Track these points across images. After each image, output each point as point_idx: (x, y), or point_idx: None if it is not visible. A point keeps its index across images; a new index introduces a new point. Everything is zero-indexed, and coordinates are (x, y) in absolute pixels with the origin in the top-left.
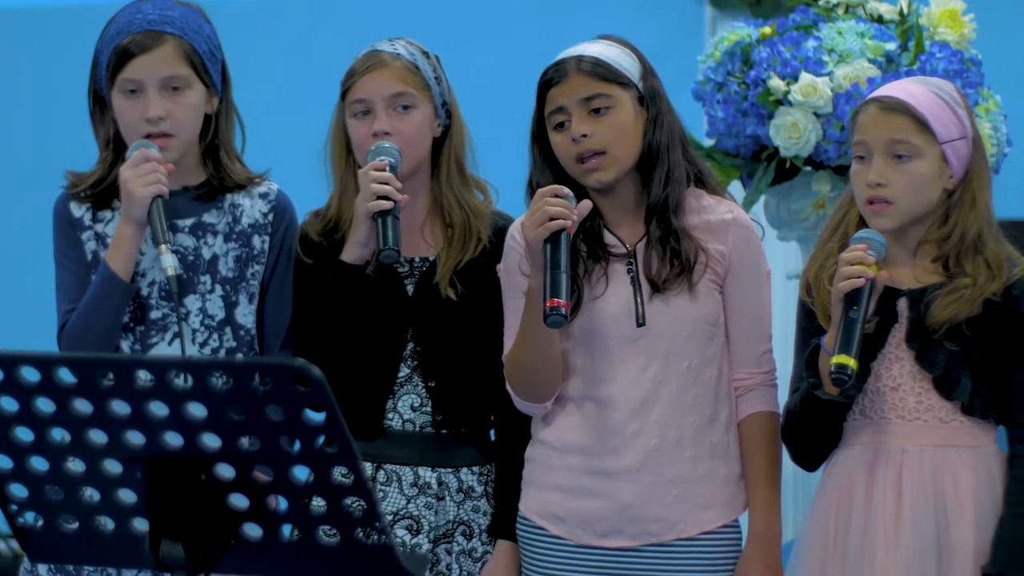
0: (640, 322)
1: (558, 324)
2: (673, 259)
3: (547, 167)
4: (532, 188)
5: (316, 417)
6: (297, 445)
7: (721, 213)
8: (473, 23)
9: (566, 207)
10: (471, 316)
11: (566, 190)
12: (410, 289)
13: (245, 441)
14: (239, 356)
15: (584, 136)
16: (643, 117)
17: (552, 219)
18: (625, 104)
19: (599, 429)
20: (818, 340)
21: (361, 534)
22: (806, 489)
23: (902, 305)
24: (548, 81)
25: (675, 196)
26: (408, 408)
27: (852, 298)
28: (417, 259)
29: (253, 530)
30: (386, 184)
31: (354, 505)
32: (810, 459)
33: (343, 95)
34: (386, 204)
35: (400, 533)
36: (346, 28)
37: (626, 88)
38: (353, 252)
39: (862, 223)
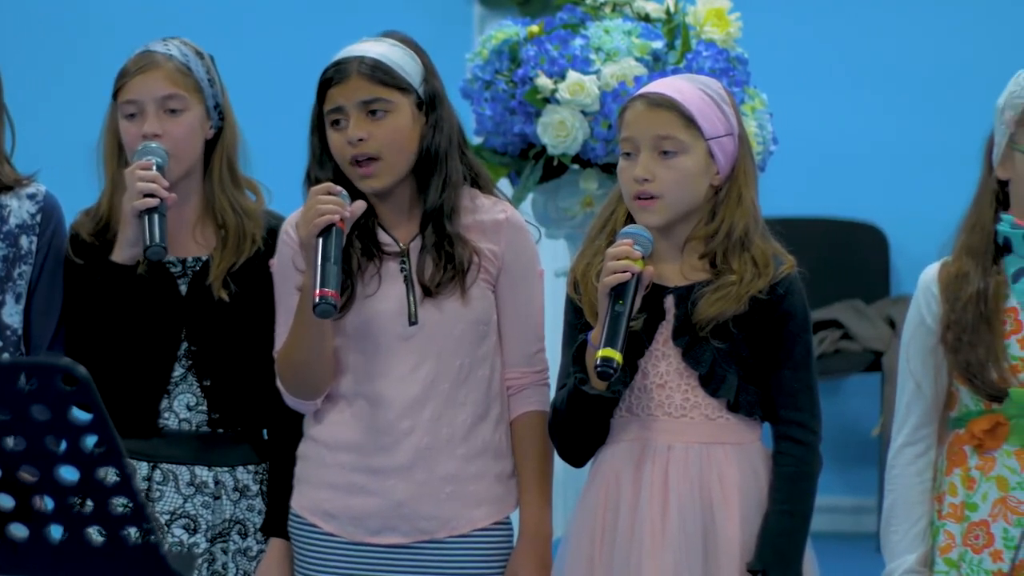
0: (412, 321)
1: (327, 314)
2: (447, 264)
3: (326, 160)
4: (310, 180)
5: (83, 417)
6: (64, 445)
7: (495, 213)
8: (244, 22)
9: (338, 204)
10: (245, 316)
11: (338, 188)
12: (183, 289)
13: (10, 441)
14: (5, 356)
15: (360, 140)
16: (421, 122)
17: (323, 215)
18: (403, 109)
19: (371, 427)
20: (585, 335)
21: (128, 534)
22: (575, 486)
23: (669, 302)
24: (328, 79)
25: (451, 201)
26: (184, 407)
27: (618, 292)
28: (190, 259)
29: (19, 530)
30: (152, 182)
31: (121, 505)
32: (577, 455)
33: (115, 95)
34: (152, 202)
35: (178, 532)
36: (121, 24)
37: (406, 93)
38: (123, 252)
39: (630, 220)
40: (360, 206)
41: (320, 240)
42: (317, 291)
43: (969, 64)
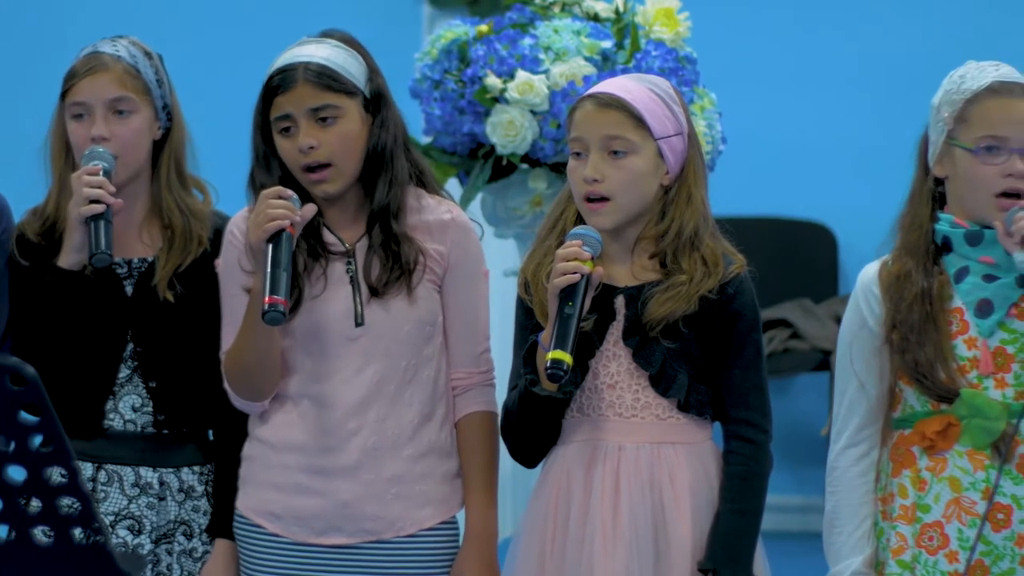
0: (359, 322)
1: (276, 321)
2: (394, 264)
3: (271, 163)
4: (254, 182)
5: (30, 417)
6: (12, 444)
7: (440, 213)
8: (192, 20)
9: (289, 208)
10: (191, 317)
11: (289, 192)
12: (129, 290)
13: None
14: None
15: (312, 148)
16: (368, 122)
17: (274, 220)
18: (352, 113)
19: (317, 427)
20: (536, 337)
21: (76, 534)
22: (525, 486)
23: (619, 302)
24: (275, 87)
25: (397, 200)
26: (129, 408)
27: (567, 294)
28: (136, 260)
29: None
30: (98, 188)
31: (69, 506)
32: (529, 456)
33: (63, 95)
34: (98, 208)
35: (122, 533)
36: (70, 23)
37: (353, 97)
38: (69, 258)
39: (580, 220)
40: (311, 209)
41: (270, 246)
42: (267, 298)
43: (916, 63)
